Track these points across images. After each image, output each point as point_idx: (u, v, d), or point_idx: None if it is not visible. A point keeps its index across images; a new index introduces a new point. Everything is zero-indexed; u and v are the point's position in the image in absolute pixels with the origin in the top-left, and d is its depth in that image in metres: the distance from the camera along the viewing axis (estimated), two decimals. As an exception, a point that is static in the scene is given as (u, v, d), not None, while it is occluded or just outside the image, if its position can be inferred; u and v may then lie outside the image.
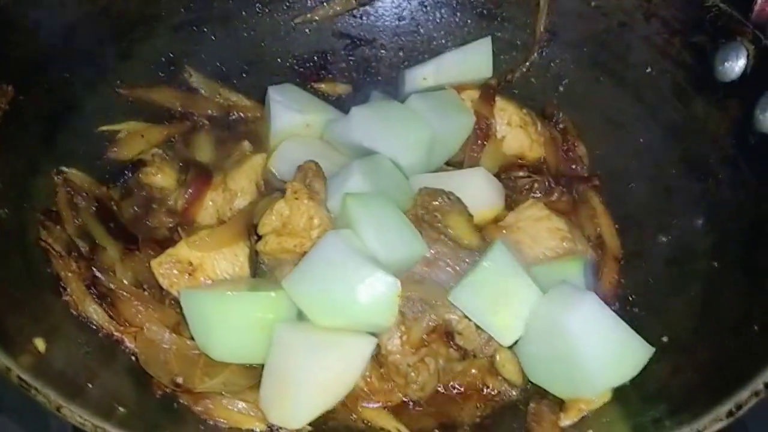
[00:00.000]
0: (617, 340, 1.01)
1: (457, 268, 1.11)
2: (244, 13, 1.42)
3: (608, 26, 1.34)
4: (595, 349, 1.00)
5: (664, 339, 1.07)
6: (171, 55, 1.37)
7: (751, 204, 1.11)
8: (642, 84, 1.32)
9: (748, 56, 1.17)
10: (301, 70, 1.47)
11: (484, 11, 1.44)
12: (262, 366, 1.04)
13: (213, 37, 1.41)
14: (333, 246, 1.03)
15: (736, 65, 1.19)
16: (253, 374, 1.05)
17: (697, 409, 0.82)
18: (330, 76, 1.48)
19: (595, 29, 1.36)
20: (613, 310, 1.15)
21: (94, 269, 1.09)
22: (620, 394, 1.04)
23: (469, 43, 1.42)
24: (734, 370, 0.87)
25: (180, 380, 1.00)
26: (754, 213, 1.10)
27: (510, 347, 1.08)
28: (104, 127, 1.27)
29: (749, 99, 1.14)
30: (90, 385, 0.93)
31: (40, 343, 0.93)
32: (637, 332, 1.05)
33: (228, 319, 1.04)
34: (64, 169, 1.18)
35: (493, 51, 1.42)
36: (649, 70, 1.30)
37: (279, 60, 1.46)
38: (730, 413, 0.80)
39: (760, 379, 0.82)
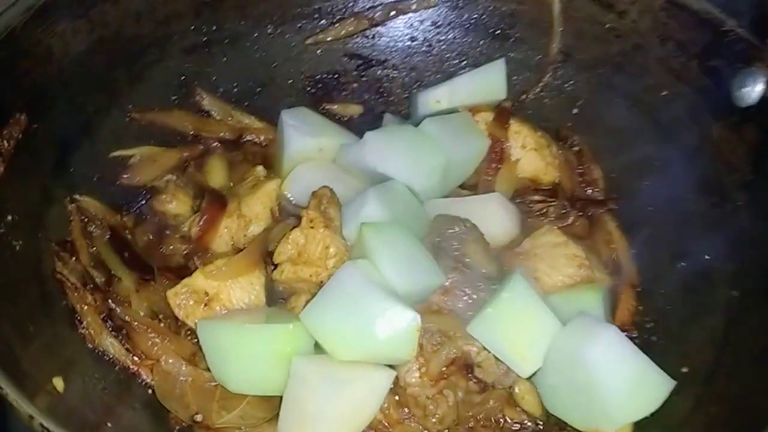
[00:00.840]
0: (638, 373, 1.00)
1: (475, 297, 1.11)
2: (255, 34, 1.41)
3: (623, 48, 1.33)
4: (616, 382, 0.99)
5: (684, 369, 1.07)
6: (183, 78, 1.36)
7: (769, 231, 1.11)
8: (658, 107, 1.30)
9: (766, 82, 1.16)
10: (313, 91, 1.46)
11: (497, 32, 1.43)
12: (280, 398, 1.03)
13: (224, 59, 1.40)
14: (351, 278, 1.02)
15: (753, 91, 1.18)
16: (271, 407, 1.04)
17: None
18: (342, 96, 1.47)
19: (610, 51, 1.35)
20: (633, 339, 1.15)
21: (110, 301, 1.08)
22: (641, 427, 1.03)
23: (483, 65, 1.41)
24: (756, 405, 0.86)
25: (199, 417, 1.00)
26: (774, 239, 1.09)
27: (529, 378, 1.07)
28: (117, 153, 1.27)
29: (766, 126, 1.13)
30: (108, 424, 0.93)
31: (58, 383, 0.93)
32: (655, 361, 1.04)
33: (245, 351, 1.04)
34: (78, 197, 1.17)
35: (506, 72, 1.41)
36: (665, 93, 1.29)
37: (291, 81, 1.45)
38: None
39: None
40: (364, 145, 1.25)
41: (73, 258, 1.10)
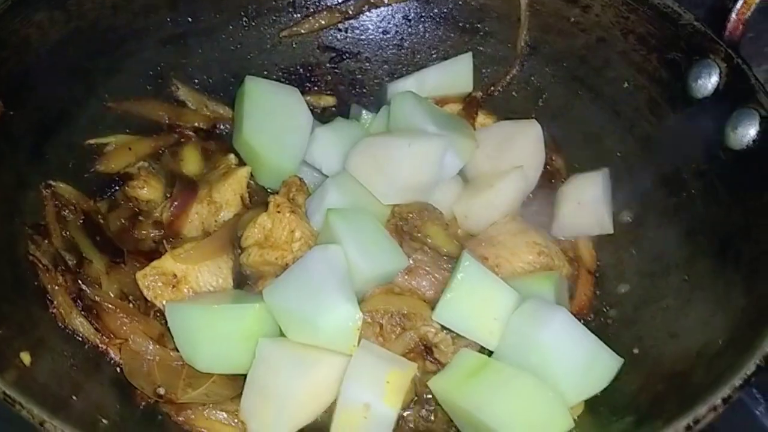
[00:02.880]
0: (587, 353, 1.04)
1: (437, 275, 1.15)
2: (230, 26, 1.44)
3: (587, 42, 1.37)
4: (567, 362, 1.03)
5: (635, 351, 1.11)
6: (158, 69, 1.39)
7: (722, 218, 1.14)
8: (619, 98, 1.34)
9: (720, 74, 1.20)
10: (287, 82, 1.49)
11: (467, 26, 1.46)
12: (245, 377, 1.06)
13: (200, 51, 1.43)
14: (314, 263, 1.06)
15: (708, 82, 1.22)
16: (236, 385, 1.08)
17: (659, 423, 0.85)
18: (315, 88, 1.51)
19: (575, 44, 1.38)
20: (588, 322, 1.19)
21: (81, 282, 1.11)
22: (593, 405, 1.07)
23: (451, 58, 1.44)
24: (697, 385, 0.90)
25: (162, 391, 1.03)
26: (725, 227, 1.13)
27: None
28: (92, 141, 1.30)
29: (721, 116, 1.17)
30: (74, 398, 0.96)
31: (25, 357, 0.96)
32: (610, 343, 1.08)
33: (212, 331, 1.07)
34: (53, 182, 1.20)
35: (475, 65, 1.45)
36: (626, 85, 1.33)
37: (265, 72, 1.48)
38: (688, 427, 0.83)
39: (719, 394, 0.85)
40: (312, 141, 1.28)
41: (46, 241, 1.13)
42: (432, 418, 1.09)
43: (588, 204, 1.28)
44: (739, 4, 1.21)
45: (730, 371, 0.87)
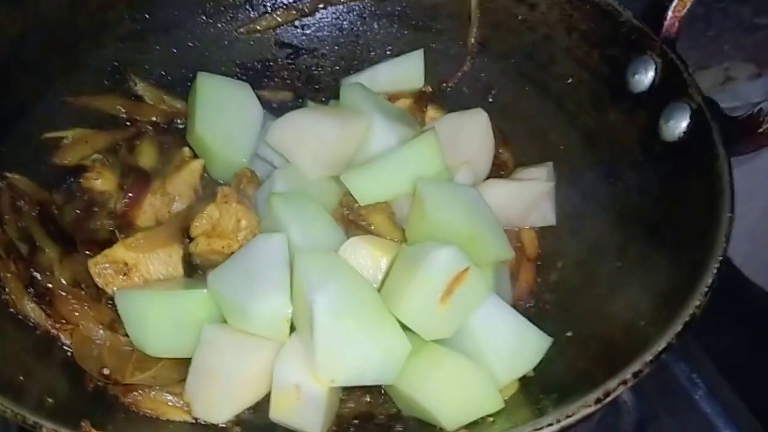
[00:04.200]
0: (516, 334, 1.09)
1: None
2: (188, 23, 1.48)
3: (534, 39, 1.41)
4: (497, 343, 1.07)
5: (569, 334, 1.15)
6: (116, 64, 1.42)
7: (652, 207, 1.19)
8: (563, 93, 1.39)
9: (656, 69, 1.25)
10: (244, 78, 1.52)
11: (420, 23, 1.50)
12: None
13: (157, 47, 1.46)
14: (255, 252, 1.09)
15: (645, 77, 1.26)
16: (182, 368, 1.11)
17: (575, 397, 0.90)
18: (273, 84, 1.55)
19: (522, 42, 1.43)
20: (528, 308, 1.24)
21: (33, 269, 1.15)
22: (526, 385, 1.11)
23: (402, 55, 1.48)
24: (615, 362, 0.94)
25: (107, 371, 1.07)
26: (655, 215, 1.18)
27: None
28: (49, 134, 1.33)
29: (655, 110, 1.22)
30: (22, 378, 1.00)
31: (-25, 343, 1.00)
32: (546, 328, 1.13)
33: (161, 317, 1.11)
34: (8, 174, 1.24)
35: (427, 61, 1.48)
36: (570, 80, 1.38)
37: (223, 68, 1.51)
38: (598, 400, 0.88)
39: (629, 369, 0.90)
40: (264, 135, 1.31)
41: (0, 230, 1.16)
42: (372, 394, 1.12)
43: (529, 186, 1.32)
44: (675, 2, 1.26)
45: (645, 349, 0.92)
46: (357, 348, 1.02)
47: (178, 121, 1.45)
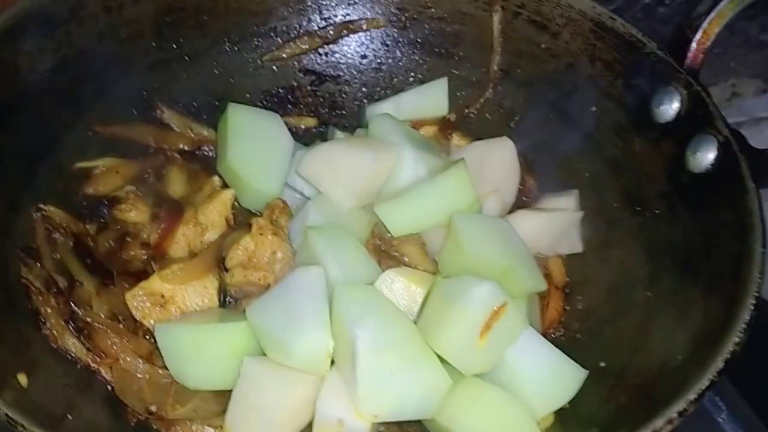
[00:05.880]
0: (552, 366, 1.11)
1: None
2: (214, 51, 1.49)
3: (557, 67, 1.43)
4: (533, 376, 1.09)
5: (602, 364, 1.17)
6: (144, 93, 1.44)
7: (682, 238, 1.21)
8: (587, 122, 1.41)
9: (681, 100, 1.27)
10: (269, 105, 1.54)
11: (442, 50, 1.52)
12: (230, 393, 1.11)
13: (184, 75, 1.48)
14: (294, 286, 1.11)
15: (670, 108, 1.28)
16: (222, 401, 1.12)
17: (621, 434, 0.91)
18: (296, 110, 1.56)
19: (545, 69, 1.45)
20: (558, 337, 1.26)
21: (72, 303, 1.16)
22: (562, 417, 1.13)
23: (427, 83, 1.50)
24: (656, 398, 0.96)
25: (154, 408, 1.08)
26: (685, 247, 1.20)
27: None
28: (81, 164, 1.34)
29: (682, 140, 1.24)
30: (69, 417, 1.01)
31: (22, 378, 1.01)
32: (577, 356, 1.15)
33: (200, 350, 1.12)
34: (43, 206, 1.24)
35: (450, 88, 1.51)
36: (594, 108, 1.40)
37: (248, 95, 1.53)
38: (647, 438, 0.90)
39: (675, 407, 0.91)
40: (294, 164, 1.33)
41: (38, 264, 1.17)
42: (409, 430, 1.14)
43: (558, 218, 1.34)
44: (698, 35, 1.29)
45: (687, 386, 0.94)
46: (399, 384, 1.04)
47: (206, 148, 1.46)
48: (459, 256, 1.14)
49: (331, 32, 1.54)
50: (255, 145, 1.32)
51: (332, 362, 1.09)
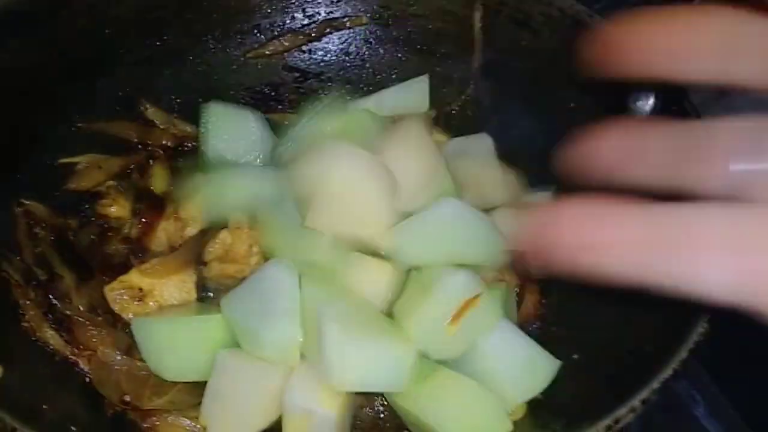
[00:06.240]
0: (526, 357, 1.12)
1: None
2: (197, 49, 1.51)
3: (537, 65, 1.44)
4: (506, 366, 1.11)
5: (575, 357, 1.18)
6: (127, 90, 1.45)
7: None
8: (566, 117, 1.41)
9: (656, 96, 1.28)
10: (253, 102, 1.55)
11: (424, 47, 1.54)
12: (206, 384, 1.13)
13: (167, 72, 1.49)
14: (267, 278, 1.12)
15: (646, 104, 1.29)
16: (199, 392, 1.14)
17: (586, 424, 0.92)
18: (280, 107, 1.57)
19: (525, 66, 1.46)
20: (534, 330, 1.27)
21: (52, 297, 1.17)
22: (535, 409, 1.14)
23: (408, 80, 1.51)
24: (624, 388, 0.97)
25: (128, 398, 1.10)
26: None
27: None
28: (64, 160, 1.35)
29: (657, 136, 1.25)
30: (45, 407, 1.02)
31: (-1, 370, 1.02)
32: (553, 350, 1.16)
33: (177, 343, 1.14)
34: (25, 201, 1.26)
35: (432, 85, 1.52)
36: (572, 104, 1.40)
37: (231, 92, 1.54)
38: (608, 427, 0.91)
39: (637, 396, 0.93)
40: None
41: (18, 257, 1.19)
42: (382, 416, 1.15)
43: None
44: (675, 31, 1.29)
45: (652, 375, 0.95)
46: (364, 352, 1.05)
47: (189, 144, 1.48)
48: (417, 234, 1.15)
49: (315, 30, 1.56)
50: (234, 142, 1.33)
51: (301, 357, 1.10)
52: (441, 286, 1.07)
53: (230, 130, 1.34)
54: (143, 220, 1.28)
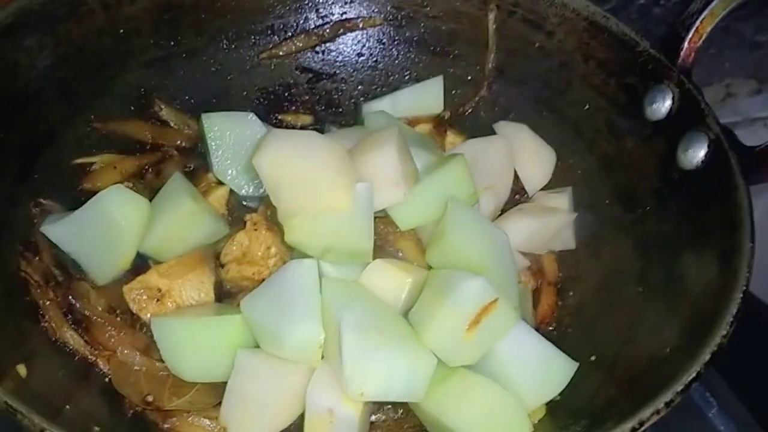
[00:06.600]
0: (543, 359, 1.12)
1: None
2: (211, 49, 1.50)
3: (551, 65, 1.45)
4: (525, 369, 1.11)
5: (592, 358, 1.18)
6: (142, 90, 1.45)
7: (672, 234, 1.23)
8: (580, 119, 1.42)
9: (673, 98, 1.29)
10: (266, 102, 1.56)
11: (438, 49, 1.54)
12: (225, 384, 1.13)
13: (181, 72, 1.49)
14: (287, 278, 1.12)
15: (662, 106, 1.30)
16: (218, 393, 1.14)
17: (610, 425, 0.93)
18: (293, 107, 1.58)
19: (539, 68, 1.46)
20: (550, 331, 1.27)
21: (71, 297, 1.17)
22: (553, 410, 1.15)
23: (423, 81, 1.51)
24: (645, 390, 0.98)
25: (150, 398, 1.10)
26: (675, 242, 1.21)
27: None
28: (79, 160, 1.35)
29: (673, 138, 1.26)
30: (67, 407, 1.02)
31: (21, 369, 1.02)
32: (569, 351, 1.16)
33: (197, 343, 1.13)
34: (42, 201, 1.26)
35: (445, 86, 1.52)
36: (587, 107, 1.41)
37: (245, 93, 1.54)
38: (633, 429, 0.91)
39: (662, 398, 0.93)
40: None
41: (36, 257, 1.19)
42: (402, 418, 1.15)
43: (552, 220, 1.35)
44: (691, 33, 1.30)
45: (674, 377, 0.95)
46: (383, 361, 1.05)
47: (202, 145, 1.47)
48: (442, 241, 1.16)
49: (328, 30, 1.56)
50: (237, 149, 1.32)
51: (323, 357, 1.10)
52: (457, 292, 1.07)
53: (228, 139, 1.32)
54: (159, 220, 1.27)
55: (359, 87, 1.59)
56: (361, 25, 1.55)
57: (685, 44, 1.30)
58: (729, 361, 1.48)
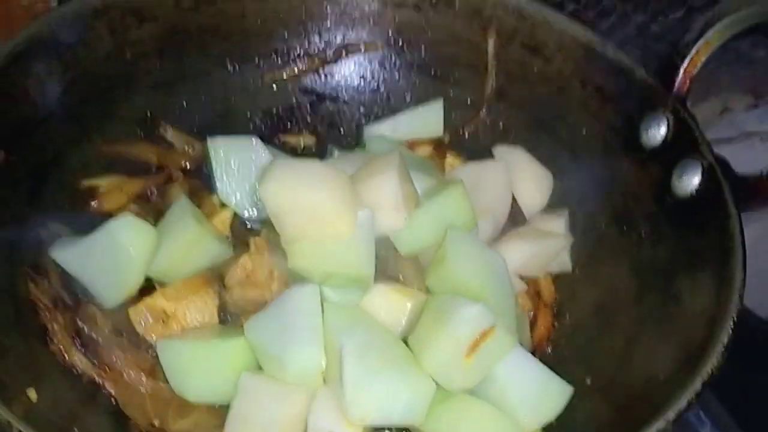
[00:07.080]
0: (539, 383, 1.15)
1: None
2: (215, 72, 1.53)
3: (549, 90, 1.48)
4: (521, 392, 1.13)
5: (588, 380, 1.21)
6: (148, 113, 1.47)
7: (666, 258, 1.25)
8: (578, 143, 1.45)
9: (668, 126, 1.31)
10: (269, 123, 1.59)
11: (438, 72, 1.57)
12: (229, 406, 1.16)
13: (186, 94, 1.51)
14: (290, 303, 1.15)
15: (658, 133, 1.33)
16: (221, 414, 1.16)
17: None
18: (296, 129, 1.60)
19: (537, 92, 1.49)
20: (546, 354, 1.30)
21: (78, 320, 1.20)
22: (547, 432, 1.17)
23: (423, 104, 1.54)
24: (638, 416, 1.00)
25: (156, 422, 1.12)
26: (670, 267, 1.24)
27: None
28: (87, 182, 1.38)
29: (668, 164, 1.28)
30: (75, 429, 1.05)
31: (32, 393, 1.05)
32: (565, 373, 1.19)
33: (201, 365, 1.16)
34: (50, 223, 1.28)
35: (445, 108, 1.55)
36: (584, 131, 1.44)
37: (248, 114, 1.57)
38: (625, 455, 0.94)
39: (654, 426, 0.96)
40: None
41: (45, 280, 1.21)
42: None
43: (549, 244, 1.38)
44: (686, 63, 1.33)
45: (666, 405, 0.98)
46: (384, 386, 1.08)
47: (207, 165, 1.50)
48: (442, 267, 1.18)
49: (331, 54, 1.59)
50: (241, 173, 1.34)
51: (324, 381, 1.13)
52: (456, 319, 1.10)
53: (237, 162, 1.34)
54: (165, 242, 1.30)
55: (361, 109, 1.61)
56: (363, 49, 1.58)
57: (681, 72, 1.33)
58: (723, 381, 1.50)
